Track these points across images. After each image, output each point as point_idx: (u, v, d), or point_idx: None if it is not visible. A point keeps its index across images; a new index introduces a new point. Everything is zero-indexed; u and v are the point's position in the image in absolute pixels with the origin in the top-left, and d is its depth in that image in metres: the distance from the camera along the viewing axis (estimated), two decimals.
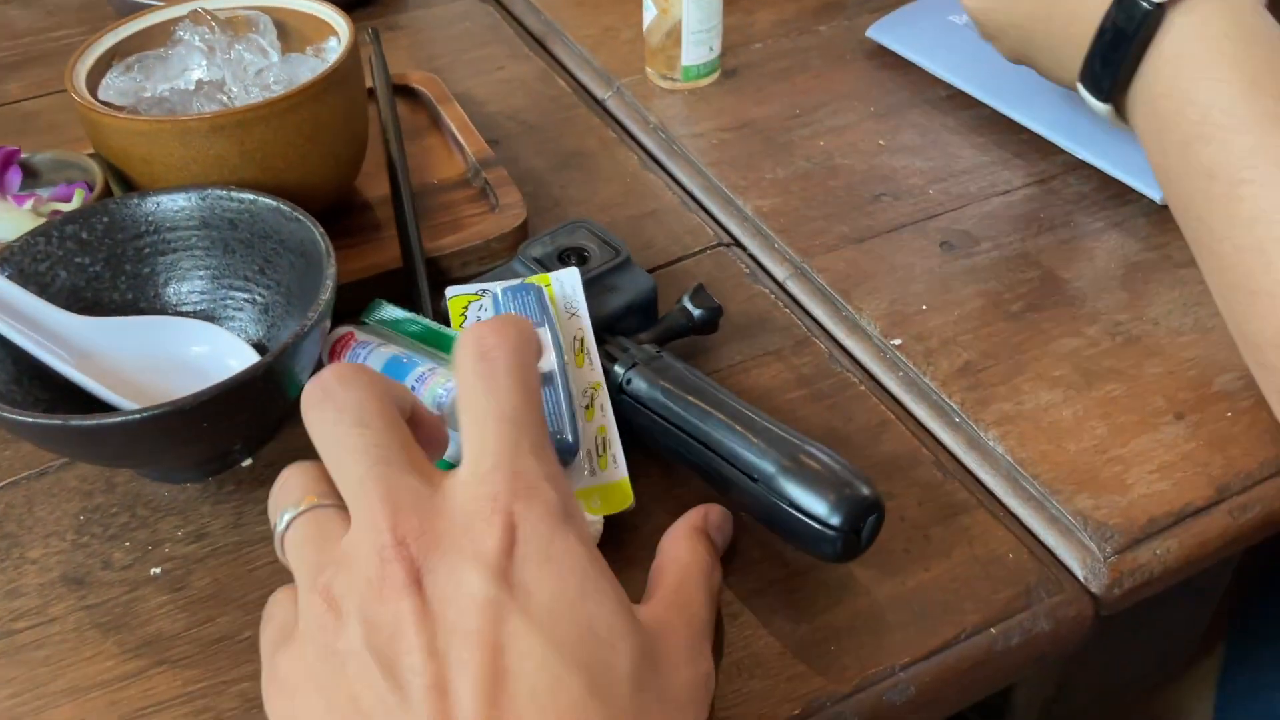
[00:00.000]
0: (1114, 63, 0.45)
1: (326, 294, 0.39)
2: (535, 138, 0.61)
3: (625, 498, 0.39)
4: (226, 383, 0.36)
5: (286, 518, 0.30)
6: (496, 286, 0.43)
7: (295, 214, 0.43)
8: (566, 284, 0.42)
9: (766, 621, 0.37)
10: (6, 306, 0.40)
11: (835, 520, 0.35)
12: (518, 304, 0.42)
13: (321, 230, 0.42)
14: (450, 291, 0.44)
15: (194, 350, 0.43)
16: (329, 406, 0.30)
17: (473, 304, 0.43)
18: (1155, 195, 0.53)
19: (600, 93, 0.65)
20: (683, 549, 0.35)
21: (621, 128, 0.62)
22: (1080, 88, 0.47)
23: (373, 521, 0.28)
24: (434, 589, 0.27)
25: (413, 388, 0.40)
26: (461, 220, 0.54)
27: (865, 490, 0.35)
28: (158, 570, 0.39)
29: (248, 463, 0.43)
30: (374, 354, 0.42)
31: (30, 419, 0.35)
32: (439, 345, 0.43)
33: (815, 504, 0.35)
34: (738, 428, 0.38)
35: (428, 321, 0.44)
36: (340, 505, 0.30)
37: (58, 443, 0.37)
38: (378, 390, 0.30)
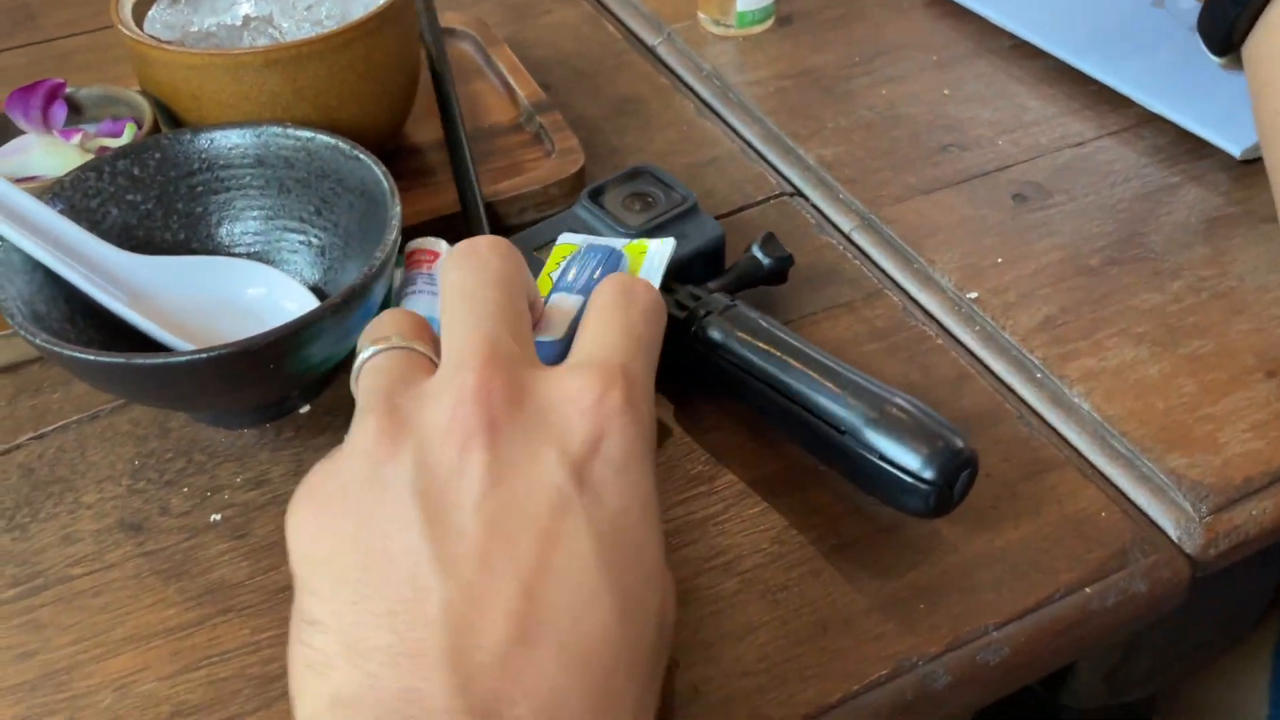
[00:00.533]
0: (1223, 25, 0.42)
1: (393, 234, 0.38)
2: (586, 84, 0.59)
3: None
4: (295, 322, 0.34)
5: (371, 349, 0.29)
6: (585, 241, 0.40)
7: (355, 152, 0.41)
8: (656, 258, 0.39)
9: (851, 578, 0.35)
10: (59, 242, 0.38)
11: (929, 474, 0.34)
12: (579, 267, 0.39)
13: (384, 169, 0.40)
14: (563, 239, 0.42)
15: (250, 292, 0.42)
16: (472, 262, 0.29)
17: (570, 256, 0.40)
18: (1234, 149, 0.51)
19: (650, 39, 0.63)
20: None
21: (674, 75, 0.60)
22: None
23: (463, 364, 0.26)
24: (508, 454, 0.25)
25: None
26: (516, 165, 0.52)
27: (959, 443, 0.34)
28: (217, 517, 0.38)
29: (305, 409, 0.41)
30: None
31: (93, 357, 0.34)
32: None
33: (907, 457, 0.34)
34: (821, 378, 0.36)
35: None
36: (432, 355, 0.29)
37: (119, 383, 0.35)
38: (521, 272, 0.30)
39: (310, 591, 0.25)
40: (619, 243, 0.40)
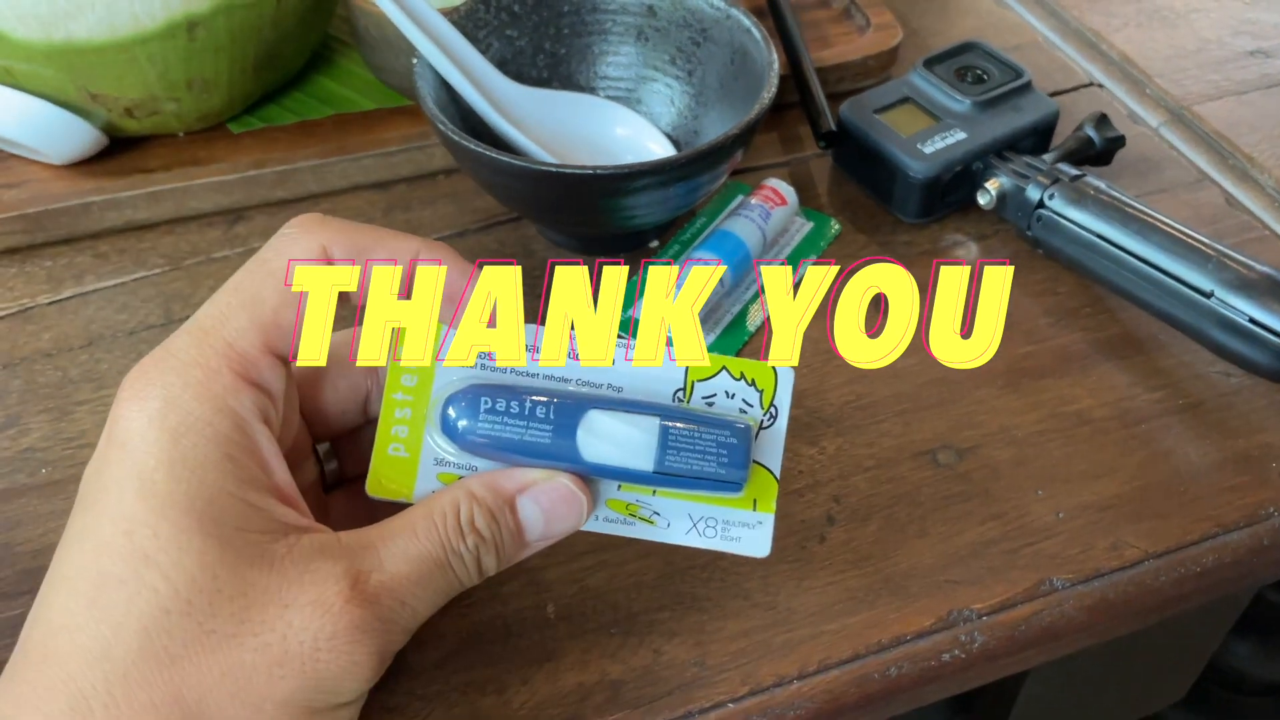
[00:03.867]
0: None
1: (771, 87, 0.40)
2: None
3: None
4: (705, 147, 0.37)
5: None
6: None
7: (725, 6, 0.43)
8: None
9: (1201, 435, 0.37)
10: (465, 69, 0.42)
11: None
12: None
13: (754, 20, 0.43)
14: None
15: (618, 132, 0.45)
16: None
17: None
18: None
19: None
20: (445, 501, 0.27)
21: None
22: None
23: None
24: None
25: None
26: (824, 38, 0.54)
27: None
28: None
29: (654, 244, 0.44)
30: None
31: (525, 164, 0.37)
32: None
33: (1279, 320, 0.36)
34: (1186, 243, 0.38)
35: None
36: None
37: (541, 189, 0.38)
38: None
39: None
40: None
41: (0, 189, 0.44)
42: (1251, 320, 0.36)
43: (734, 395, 0.29)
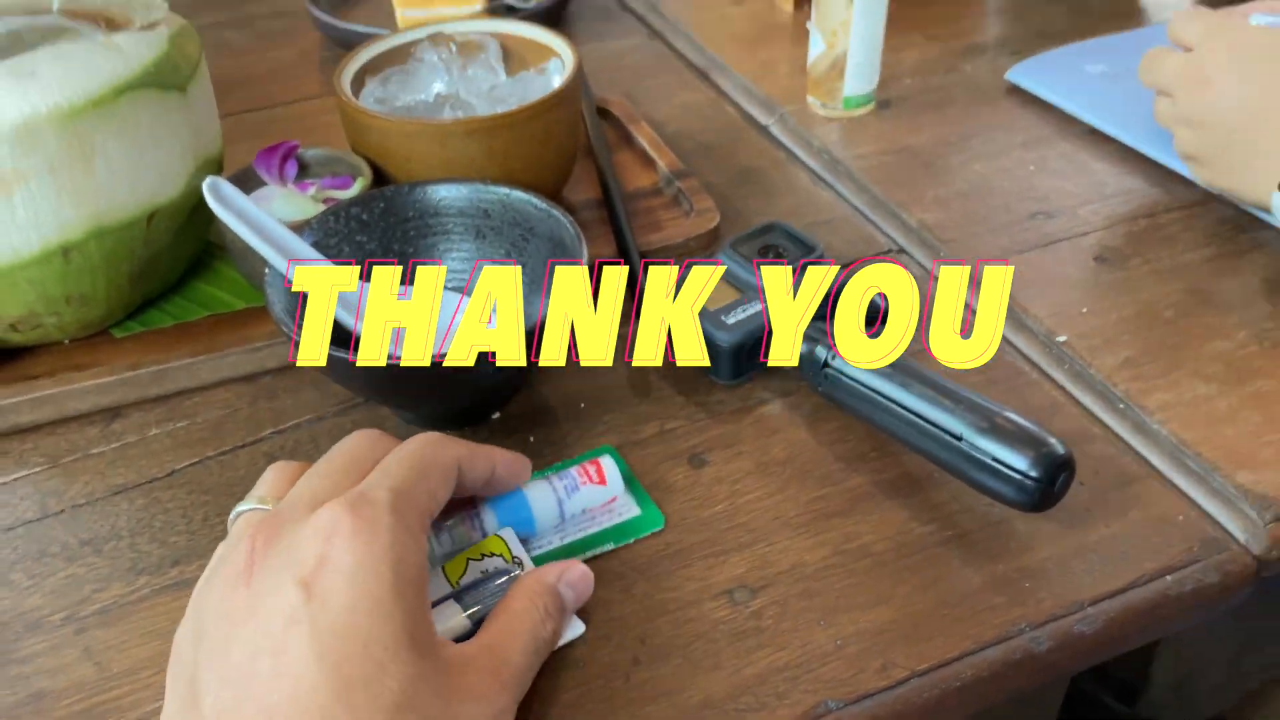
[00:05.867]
0: None
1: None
2: (713, 156, 0.68)
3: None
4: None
5: (243, 506, 0.38)
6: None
7: (546, 207, 0.50)
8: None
9: (966, 562, 0.42)
10: None
11: (1035, 472, 0.40)
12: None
13: (571, 219, 0.49)
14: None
15: (457, 320, 0.50)
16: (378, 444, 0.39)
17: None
18: None
19: (764, 119, 0.72)
20: (519, 599, 0.38)
21: (787, 150, 0.69)
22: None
23: (252, 522, 0.35)
24: (260, 587, 0.33)
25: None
26: (657, 223, 0.61)
27: (1060, 448, 0.41)
28: None
29: (496, 416, 0.49)
30: None
31: (357, 362, 0.42)
32: None
33: (1016, 459, 0.41)
34: (940, 396, 0.44)
35: None
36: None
37: (372, 384, 0.43)
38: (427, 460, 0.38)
39: None
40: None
41: None
42: (995, 459, 0.41)
43: (486, 564, 0.40)
